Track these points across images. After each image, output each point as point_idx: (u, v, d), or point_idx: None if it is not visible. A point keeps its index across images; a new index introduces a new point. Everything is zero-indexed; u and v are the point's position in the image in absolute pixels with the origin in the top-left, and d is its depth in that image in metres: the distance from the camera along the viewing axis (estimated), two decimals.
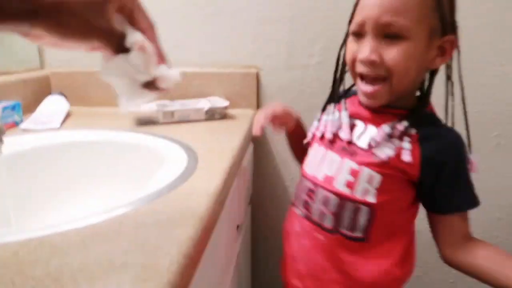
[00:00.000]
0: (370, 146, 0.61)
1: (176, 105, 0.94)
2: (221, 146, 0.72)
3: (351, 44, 0.61)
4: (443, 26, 0.57)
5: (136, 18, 0.37)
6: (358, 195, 0.61)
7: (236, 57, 1.00)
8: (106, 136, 0.78)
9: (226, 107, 0.95)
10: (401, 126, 0.59)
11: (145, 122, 0.89)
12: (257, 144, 1.04)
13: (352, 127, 0.65)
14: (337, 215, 0.62)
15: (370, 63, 0.57)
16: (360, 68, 0.59)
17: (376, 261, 0.63)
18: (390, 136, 0.60)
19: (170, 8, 0.99)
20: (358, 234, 0.62)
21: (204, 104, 0.94)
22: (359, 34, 0.59)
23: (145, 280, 0.32)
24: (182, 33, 1.01)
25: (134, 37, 0.36)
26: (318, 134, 0.70)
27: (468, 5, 0.88)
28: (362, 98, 0.62)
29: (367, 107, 0.64)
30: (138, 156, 0.73)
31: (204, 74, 1.01)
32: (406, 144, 0.59)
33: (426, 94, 0.63)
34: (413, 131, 0.59)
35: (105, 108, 1.00)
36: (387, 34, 0.56)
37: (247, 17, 0.97)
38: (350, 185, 0.61)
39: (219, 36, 1.00)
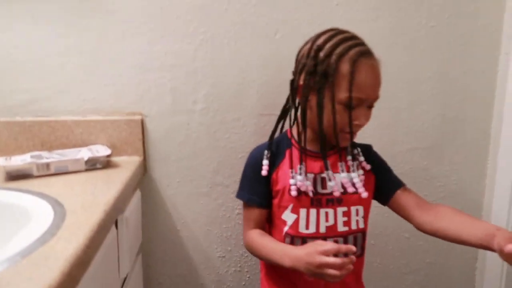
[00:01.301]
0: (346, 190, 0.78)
1: (53, 156, 0.90)
2: (95, 199, 0.71)
3: (343, 113, 0.72)
4: None
5: None
6: (354, 227, 0.80)
7: (120, 104, 1.00)
8: None
9: (109, 156, 0.94)
10: (361, 163, 0.82)
11: (17, 176, 0.83)
12: (145, 191, 1.04)
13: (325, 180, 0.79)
14: None
15: (363, 125, 0.75)
16: (353, 129, 0.74)
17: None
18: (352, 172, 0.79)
19: (48, 53, 0.96)
20: (359, 252, 0.81)
21: (84, 153, 0.91)
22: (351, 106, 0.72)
23: None
24: (62, 79, 0.98)
25: None
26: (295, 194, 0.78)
27: None
28: (343, 143, 0.77)
29: (316, 156, 0.79)
30: None
31: (87, 122, 0.99)
32: (361, 171, 0.81)
33: None
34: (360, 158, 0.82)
35: None
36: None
37: (129, 64, 0.98)
38: (346, 224, 0.79)
39: (101, 83, 0.99)
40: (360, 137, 0.88)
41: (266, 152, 0.82)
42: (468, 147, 1.11)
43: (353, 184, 0.78)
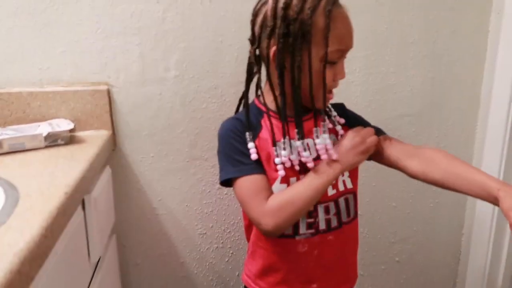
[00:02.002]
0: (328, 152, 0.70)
1: (7, 133, 0.80)
2: (55, 181, 0.63)
3: (328, 71, 0.67)
4: None
5: None
6: (341, 189, 0.75)
7: (81, 73, 0.90)
8: None
9: (72, 130, 0.85)
10: (336, 119, 0.76)
11: None
12: (115, 167, 0.95)
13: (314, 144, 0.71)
14: (338, 213, 0.75)
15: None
16: (334, 86, 0.71)
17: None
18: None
19: None
20: (352, 215, 0.78)
21: (44, 128, 0.82)
22: (334, 62, 0.68)
23: None
24: (13, 46, 0.87)
25: None
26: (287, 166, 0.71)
27: None
28: (325, 105, 0.71)
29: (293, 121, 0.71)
30: None
31: (45, 94, 0.88)
32: (339, 127, 0.76)
33: None
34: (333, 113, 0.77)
35: None
36: None
37: (87, 28, 0.88)
38: (334, 186, 0.74)
39: (56, 50, 0.88)
40: (346, 104, 0.82)
41: (248, 134, 0.72)
42: (457, 112, 1.07)
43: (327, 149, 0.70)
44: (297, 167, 0.71)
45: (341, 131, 0.75)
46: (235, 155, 0.72)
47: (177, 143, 0.97)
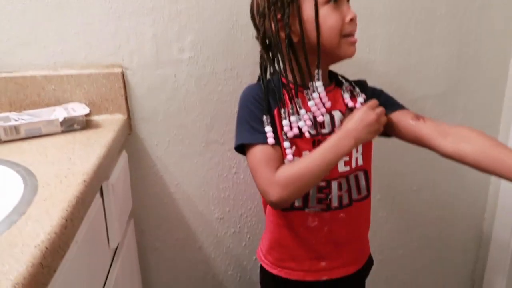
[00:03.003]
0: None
1: (23, 118, 0.79)
2: (73, 168, 0.61)
3: (332, 13, 0.67)
4: None
5: None
6: (354, 166, 0.73)
7: (95, 56, 0.88)
8: None
9: (87, 115, 0.83)
10: (360, 96, 0.74)
11: None
12: (132, 152, 0.94)
13: (331, 119, 0.72)
14: (349, 190, 0.74)
15: (355, 19, 0.69)
16: (349, 28, 0.69)
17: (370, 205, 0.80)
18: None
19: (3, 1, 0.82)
20: (364, 193, 0.76)
21: (59, 113, 0.81)
22: (335, 1, 0.67)
23: None
24: (25, 29, 0.85)
25: None
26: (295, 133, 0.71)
27: None
28: (351, 50, 0.71)
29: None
30: None
31: (59, 77, 0.87)
32: (361, 99, 0.74)
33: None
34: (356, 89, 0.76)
35: None
36: None
37: (100, 10, 0.85)
38: (347, 163, 0.73)
39: (69, 32, 0.86)
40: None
41: (265, 117, 0.70)
42: (483, 92, 1.02)
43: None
44: (310, 138, 0.71)
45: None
46: (252, 122, 0.71)
47: (193, 127, 0.95)
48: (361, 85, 0.78)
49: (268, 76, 0.75)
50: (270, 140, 0.69)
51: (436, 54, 0.97)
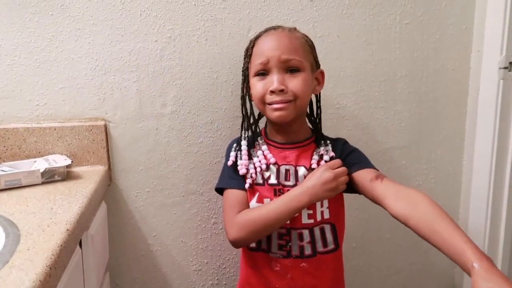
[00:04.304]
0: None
1: (3, 169, 0.79)
2: (55, 217, 0.62)
3: (257, 83, 0.76)
4: (315, 62, 0.80)
5: None
6: (319, 219, 0.77)
7: (78, 109, 0.91)
8: None
9: (69, 166, 0.84)
10: (327, 154, 0.79)
11: None
12: (110, 203, 0.94)
13: (295, 173, 0.78)
14: (312, 242, 0.77)
15: (280, 91, 0.73)
16: (272, 99, 0.74)
17: (342, 258, 0.83)
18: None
19: None
20: (331, 246, 0.78)
21: (40, 165, 0.81)
22: (263, 74, 0.76)
23: None
24: (11, 83, 0.87)
25: None
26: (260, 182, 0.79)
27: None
28: (274, 115, 0.75)
29: (280, 147, 0.80)
30: None
31: (41, 130, 0.89)
32: (326, 158, 0.79)
33: (319, 120, 0.85)
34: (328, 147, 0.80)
35: None
36: (288, 68, 0.74)
37: (86, 65, 0.89)
38: (311, 217, 0.76)
39: (55, 86, 0.89)
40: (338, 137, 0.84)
41: (235, 144, 0.83)
42: (444, 144, 1.11)
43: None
44: (272, 187, 0.78)
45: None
46: (227, 170, 0.82)
47: (172, 177, 0.97)
48: (338, 143, 0.83)
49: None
50: (242, 171, 0.79)
51: (400, 111, 1.06)
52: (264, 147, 0.80)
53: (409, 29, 1.02)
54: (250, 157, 0.80)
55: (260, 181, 0.79)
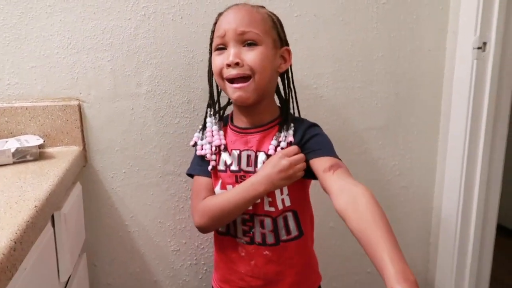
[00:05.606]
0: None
1: None
2: (24, 195, 0.61)
3: (216, 58, 0.75)
4: (280, 40, 0.77)
5: None
6: (280, 207, 0.76)
7: (51, 89, 0.89)
8: None
9: (41, 146, 0.83)
10: (285, 140, 0.75)
11: None
12: (86, 184, 0.94)
13: (255, 158, 0.77)
14: (275, 231, 0.77)
15: (235, 64, 0.71)
16: (228, 73, 0.73)
17: (310, 245, 0.83)
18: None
19: None
20: (294, 233, 0.78)
21: (11, 144, 0.80)
22: (221, 48, 0.74)
23: None
24: None
25: None
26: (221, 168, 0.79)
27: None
28: (234, 96, 0.73)
29: (241, 132, 0.79)
30: None
31: (13, 109, 0.87)
32: (283, 144, 0.75)
33: (291, 100, 0.82)
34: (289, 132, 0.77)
35: None
36: (244, 41, 0.72)
37: (58, 44, 0.87)
38: (271, 204, 0.76)
39: (26, 65, 0.87)
40: (315, 118, 0.85)
41: (201, 126, 0.83)
42: (420, 124, 1.12)
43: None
44: (234, 173, 0.78)
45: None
46: (195, 157, 0.84)
47: (149, 158, 0.97)
48: (301, 127, 0.78)
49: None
50: (191, 142, 0.82)
51: (376, 91, 1.07)
52: (215, 127, 0.80)
53: (386, 9, 1.03)
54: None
55: (223, 167, 0.79)
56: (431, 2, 1.05)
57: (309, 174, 0.74)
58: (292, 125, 0.78)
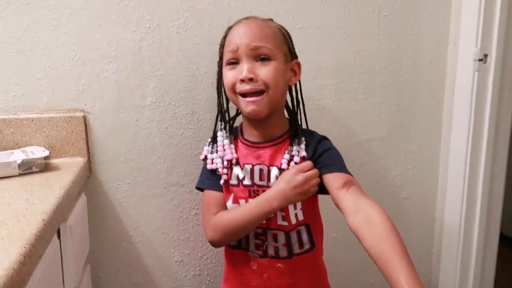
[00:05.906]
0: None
1: None
2: (31, 207, 0.61)
3: (228, 72, 0.75)
4: (290, 53, 0.78)
5: None
6: (293, 221, 0.76)
7: (56, 100, 0.90)
8: None
9: (47, 158, 0.83)
10: (298, 154, 0.75)
11: None
12: (91, 195, 0.94)
13: (268, 173, 0.77)
14: (288, 245, 0.77)
15: (249, 80, 0.71)
16: (242, 87, 0.73)
17: (320, 256, 0.83)
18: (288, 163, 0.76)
19: None
20: (306, 246, 0.78)
21: (17, 156, 0.80)
22: (234, 63, 0.74)
23: None
24: None
25: None
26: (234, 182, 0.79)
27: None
28: (248, 109, 0.73)
29: (253, 146, 0.79)
30: None
31: (19, 121, 0.87)
32: (297, 159, 0.75)
33: (300, 113, 0.83)
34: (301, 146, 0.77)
35: None
36: (257, 56, 0.72)
37: (64, 55, 0.88)
38: (285, 219, 0.76)
39: (32, 76, 0.88)
40: (318, 129, 0.85)
41: (209, 139, 0.83)
42: (422, 135, 1.13)
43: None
44: (247, 188, 0.78)
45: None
46: (205, 170, 0.83)
47: (153, 169, 0.97)
48: (312, 141, 0.78)
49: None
50: (202, 156, 0.82)
51: (378, 102, 1.08)
52: (226, 141, 0.80)
53: (387, 21, 1.04)
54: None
55: (235, 182, 0.79)
56: (432, 14, 1.06)
57: (321, 189, 0.75)
58: (303, 138, 0.78)
